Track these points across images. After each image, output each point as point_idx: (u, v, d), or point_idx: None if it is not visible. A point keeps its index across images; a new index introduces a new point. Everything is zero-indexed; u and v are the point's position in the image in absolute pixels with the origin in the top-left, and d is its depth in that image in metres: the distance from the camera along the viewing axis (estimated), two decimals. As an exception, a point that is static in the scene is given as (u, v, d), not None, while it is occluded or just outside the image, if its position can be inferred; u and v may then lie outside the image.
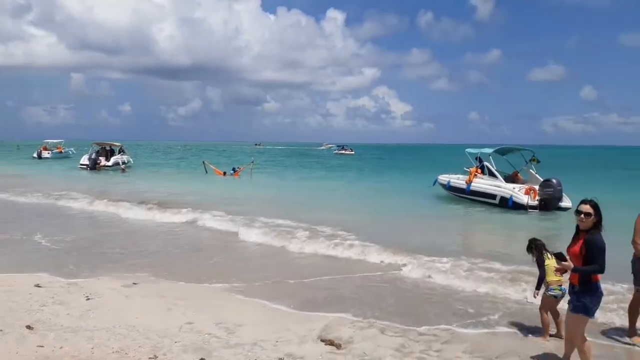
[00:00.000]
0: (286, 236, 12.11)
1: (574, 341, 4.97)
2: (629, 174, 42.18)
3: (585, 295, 4.69)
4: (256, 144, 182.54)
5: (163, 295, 7.50)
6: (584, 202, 4.75)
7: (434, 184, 23.72)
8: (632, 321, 6.02)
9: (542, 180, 18.38)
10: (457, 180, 21.85)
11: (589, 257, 4.62)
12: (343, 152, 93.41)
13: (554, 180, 17.78)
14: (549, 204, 17.53)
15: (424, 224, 15.49)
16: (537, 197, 17.74)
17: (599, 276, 4.69)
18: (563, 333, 5.92)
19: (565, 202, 17.75)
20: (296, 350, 5.49)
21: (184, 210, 16.01)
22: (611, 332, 6.27)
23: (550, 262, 5.94)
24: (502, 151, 22.05)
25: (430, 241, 12.01)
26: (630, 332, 6.02)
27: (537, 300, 6.23)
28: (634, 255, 5.78)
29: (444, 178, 22.93)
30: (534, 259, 6.17)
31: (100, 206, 17.50)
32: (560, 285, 5.96)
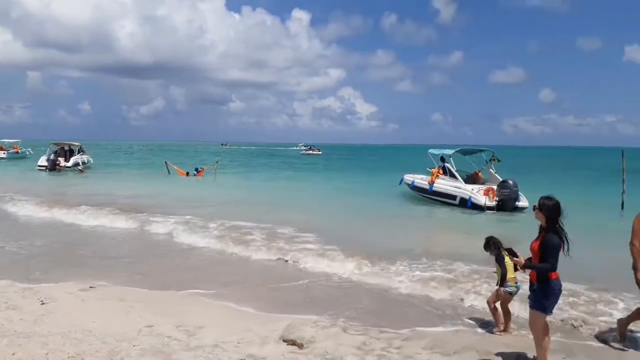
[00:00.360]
0: (246, 239, 11.93)
1: (533, 336, 5.11)
2: (588, 174, 43.79)
3: (542, 293, 4.85)
4: (223, 144, 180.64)
5: (122, 299, 7.33)
6: (542, 198, 4.94)
7: (400, 183, 24.32)
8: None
9: (501, 180, 18.96)
10: (421, 180, 22.39)
11: (543, 254, 4.78)
12: (311, 152, 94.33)
13: (510, 182, 18.38)
14: (506, 204, 18.08)
15: (388, 224, 15.66)
16: (495, 198, 18.27)
17: (556, 274, 4.79)
18: (511, 329, 6.20)
19: (522, 202, 18.35)
20: (258, 351, 5.47)
21: (143, 214, 15.55)
22: (568, 329, 6.48)
23: (508, 260, 6.12)
24: (463, 152, 22.69)
25: (392, 243, 12.13)
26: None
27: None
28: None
29: (409, 178, 23.53)
30: (493, 256, 6.31)
31: (56, 210, 16.65)
32: (516, 282, 6.16)
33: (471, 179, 20.66)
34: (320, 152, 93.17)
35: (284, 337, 5.91)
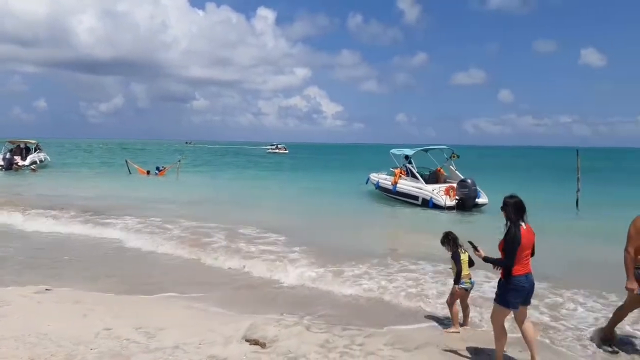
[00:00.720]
0: (206, 241, 11.76)
1: (493, 329, 5.24)
2: (545, 173, 45.22)
3: (503, 288, 5.00)
4: (187, 143, 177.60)
5: (78, 302, 7.11)
6: (505, 198, 5.08)
7: (366, 182, 24.80)
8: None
9: (461, 177, 19.43)
10: (385, 181, 22.87)
11: (504, 250, 4.94)
12: (277, 151, 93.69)
13: (469, 181, 18.88)
14: (465, 203, 18.56)
15: (351, 224, 15.75)
16: (455, 197, 18.72)
17: (519, 271, 4.90)
18: (470, 324, 6.37)
19: (482, 199, 18.86)
20: (220, 351, 5.41)
21: (101, 215, 15.08)
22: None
23: (464, 257, 6.26)
24: (424, 150, 23.21)
25: (356, 243, 12.16)
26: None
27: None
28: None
29: (374, 177, 24.07)
30: (449, 252, 6.36)
31: (11, 211, 15.79)
32: (470, 278, 6.29)
33: (433, 176, 21.15)
34: (286, 151, 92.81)
35: (246, 336, 5.87)
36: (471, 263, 6.28)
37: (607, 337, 5.88)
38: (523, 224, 4.94)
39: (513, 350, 5.58)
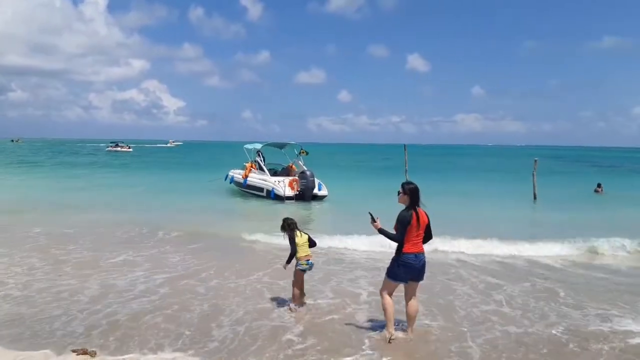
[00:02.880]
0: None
1: (381, 299, 5.49)
2: (381, 167, 48.97)
3: (394, 262, 5.34)
4: (14, 140, 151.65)
5: None
6: (402, 184, 5.45)
7: (228, 180, 24.19)
8: None
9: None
10: (238, 175, 22.88)
11: (396, 229, 5.28)
12: (119, 149, 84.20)
13: (308, 172, 19.68)
14: (304, 193, 19.27)
15: (199, 217, 15.21)
16: (298, 189, 19.31)
17: (409, 249, 5.23)
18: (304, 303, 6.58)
19: (323, 191, 19.73)
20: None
21: None
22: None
23: (301, 240, 6.39)
24: (273, 145, 23.70)
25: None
26: None
27: (289, 273, 6.62)
28: None
29: (231, 173, 24.06)
30: (286, 236, 6.50)
31: None
32: (308, 260, 6.41)
33: (285, 171, 21.60)
34: (130, 149, 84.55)
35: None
36: (312, 244, 6.49)
37: None
38: (417, 207, 5.26)
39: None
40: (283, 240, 6.74)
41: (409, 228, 5.18)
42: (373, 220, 5.37)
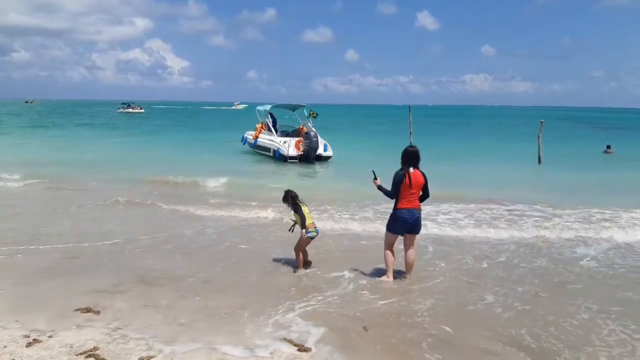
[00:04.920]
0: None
1: (384, 249, 6.07)
2: (384, 128, 48.41)
3: (391, 218, 5.95)
4: (27, 102, 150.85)
5: None
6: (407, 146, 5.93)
7: (242, 142, 24.25)
8: None
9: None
10: (250, 136, 23.01)
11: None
12: (130, 110, 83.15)
13: (311, 133, 19.46)
14: (308, 154, 19.10)
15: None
16: (303, 149, 19.25)
17: (402, 205, 5.78)
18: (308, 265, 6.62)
19: (327, 152, 19.64)
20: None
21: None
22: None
23: (306, 209, 6.36)
24: (284, 106, 23.73)
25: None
26: None
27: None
28: None
29: (246, 135, 24.04)
30: (290, 208, 6.44)
31: None
32: (315, 227, 6.37)
33: (296, 132, 21.52)
34: (142, 111, 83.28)
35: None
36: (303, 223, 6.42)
37: None
38: (411, 168, 5.71)
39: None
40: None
41: (402, 186, 5.71)
42: (375, 178, 5.92)
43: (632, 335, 4.69)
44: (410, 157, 5.72)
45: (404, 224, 5.83)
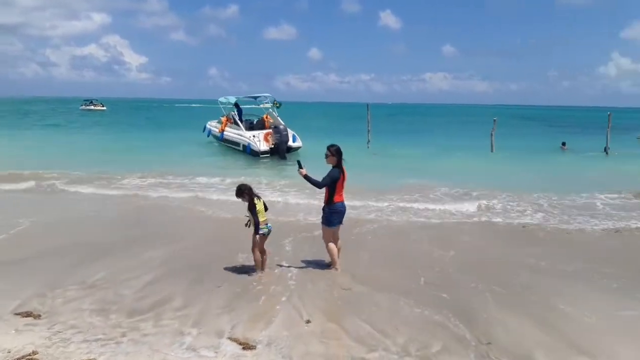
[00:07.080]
0: None
1: (325, 244, 6.38)
2: (350, 128, 48.53)
3: (327, 212, 6.21)
4: None
5: None
6: (328, 147, 6.16)
7: (205, 133, 24.07)
8: None
9: (282, 124, 19.75)
10: (215, 128, 22.74)
11: (325, 182, 6.04)
12: (92, 107, 78.86)
13: (281, 126, 19.35)
14: (278, 147, 18.96)
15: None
16: (272, 143, 18.99)
17: (338, 199, 6.12)
18: (266, 267, 6.45)
19: (297, 143, 19.61)
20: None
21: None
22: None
23: (259, 205, 6.12)
24: (247, 97, 23.34)
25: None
26: None
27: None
28: None
29: (208, 126, 23.92)
30: (245, 203, 6.11)
31: None
32: (267, 224, 6.21)
33: (260, 122, 21.26)
34: (104, 108, 79.76)
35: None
36: (265, 208, 6.28)
37: None
38: (342, 165, 6.07)
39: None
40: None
41: (338, 182, 6.05)
42: (300, 167, 6.04)
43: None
44: (340, 154, 6.12)
45: (340, 216, 6.26)
